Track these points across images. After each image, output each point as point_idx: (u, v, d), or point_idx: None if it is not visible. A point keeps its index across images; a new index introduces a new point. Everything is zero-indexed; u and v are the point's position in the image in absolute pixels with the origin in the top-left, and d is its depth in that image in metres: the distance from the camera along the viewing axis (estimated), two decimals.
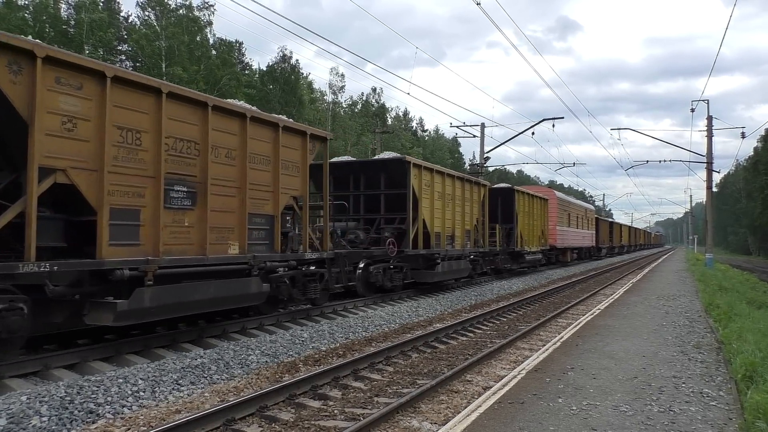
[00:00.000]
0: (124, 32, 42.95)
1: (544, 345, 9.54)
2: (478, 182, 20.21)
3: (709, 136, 32.88)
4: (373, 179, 15.78)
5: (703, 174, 33.51)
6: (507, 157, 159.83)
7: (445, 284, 18.29)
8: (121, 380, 6.50)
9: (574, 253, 37.52)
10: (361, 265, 14.08)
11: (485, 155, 32.33)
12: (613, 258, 53.81)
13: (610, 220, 60.99)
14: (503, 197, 23.81)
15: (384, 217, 15.59)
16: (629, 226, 79.74)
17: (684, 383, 6.90)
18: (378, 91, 68.39)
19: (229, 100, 10.65)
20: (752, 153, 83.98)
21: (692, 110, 33.88)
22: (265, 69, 51.25)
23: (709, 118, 32.83)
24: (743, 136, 34.06)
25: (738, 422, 5.43)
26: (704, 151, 33.55)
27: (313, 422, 5.79)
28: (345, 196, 15.83)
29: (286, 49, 50.40)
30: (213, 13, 43.61)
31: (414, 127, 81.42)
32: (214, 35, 45.91)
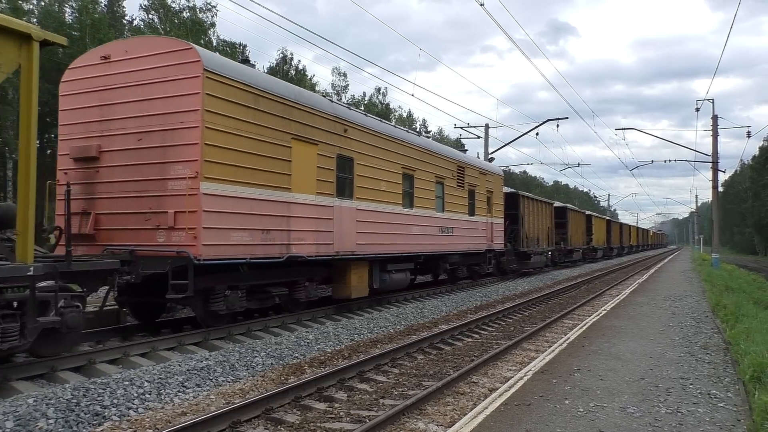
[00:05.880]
0: (128, 34, 43.07)
1: (550, 346, 9.50)
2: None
3: (715, 135, 32.78)
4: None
5: (708, 174, 33.56)
6: (508, 158, 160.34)
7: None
8: (126, 382, 6.50)
9: (396, 273, 14.32)
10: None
11: (490, 156, 32.29)
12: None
13: (560, 204, 35.57)
14: None
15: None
16: (608, 219, 53.24)
17: (691, 384, 6.87)
18: (383, 90, 68.38)
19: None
20: (757, 152, 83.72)
21: (697, 109, 33.89)
22: (267, 72, 51.35)
23: (715, 118, 32.71)
24: (749, 135, 33.97)
25: (746, 423, 5.40)
26: (707, 151, 33.47)
27: (318, 424, 5.78)
28: None
29: (286, 50, 50.53)
30: (216, 15, 43.64)
31: (418, 129, 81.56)
32: (218, 37, 45.96)
